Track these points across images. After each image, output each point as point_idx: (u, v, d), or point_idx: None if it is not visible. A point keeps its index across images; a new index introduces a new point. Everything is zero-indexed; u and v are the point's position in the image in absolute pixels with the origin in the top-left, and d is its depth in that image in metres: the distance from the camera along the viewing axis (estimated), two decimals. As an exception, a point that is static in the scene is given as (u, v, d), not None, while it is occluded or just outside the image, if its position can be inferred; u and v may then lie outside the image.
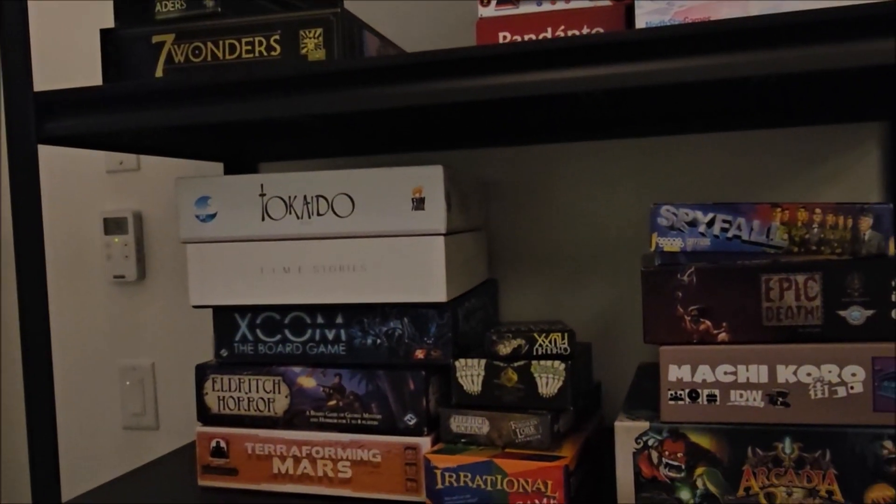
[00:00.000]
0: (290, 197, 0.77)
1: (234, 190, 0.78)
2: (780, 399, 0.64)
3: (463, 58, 0.63)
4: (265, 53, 0.73)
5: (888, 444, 0.61)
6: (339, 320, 0.79)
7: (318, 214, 0.76)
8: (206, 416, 0.83)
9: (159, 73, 0.75)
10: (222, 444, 0.81)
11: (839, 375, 0.62)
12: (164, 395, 1.17)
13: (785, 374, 0.64)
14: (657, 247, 0.66)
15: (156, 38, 0.74)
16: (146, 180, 1.16)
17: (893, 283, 0.61)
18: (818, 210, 0.63)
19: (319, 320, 0.80)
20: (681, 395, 0.66)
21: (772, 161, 0.91)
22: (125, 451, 1.19)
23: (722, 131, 0.91)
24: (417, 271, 0.74)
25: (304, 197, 0.77)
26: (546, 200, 0.98)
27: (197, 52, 0.75)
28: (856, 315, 0.62)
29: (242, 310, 0.82)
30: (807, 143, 0.90)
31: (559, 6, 0.68)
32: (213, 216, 0.79)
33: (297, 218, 0.77)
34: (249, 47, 0.73)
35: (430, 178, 0.73)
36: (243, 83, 0.69)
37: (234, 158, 1.07)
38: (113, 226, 1.17)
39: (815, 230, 0.63)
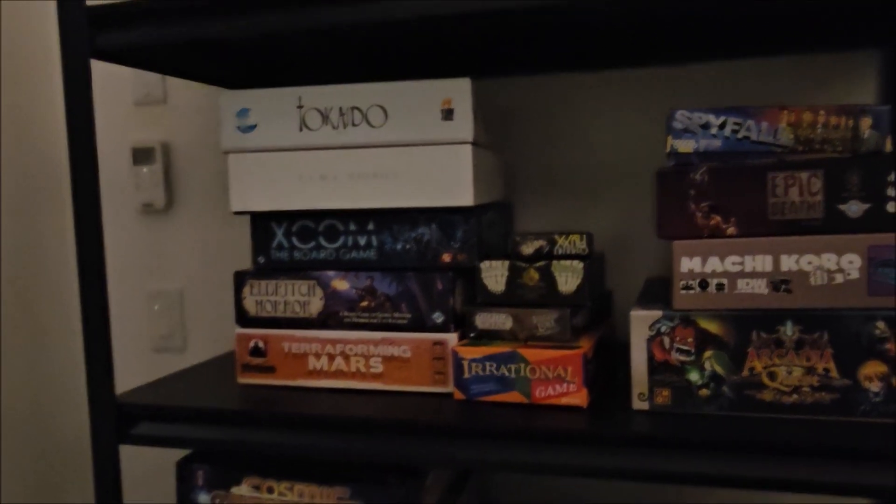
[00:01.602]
0: (326, 108, 0.82)
1: (273, 102, 0.83)
2: (783, 286, 0.70)
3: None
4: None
5: (881, 324, 0.67)
6: (371, 227, 0.85)
7: (354, 125, 0.81)
8: (244, 319, 0.88)
9: (204, -12, 0.79)
10: (260, 344, 0.87)
11: (837, 263, 0.68)
12: (191, 318, 1.22)
13: (788, 263, 0.69)
14: (672, 148, 0.72)
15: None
16: (173, 111, 1.21)
17: (889, 178, 0.67)
18: (822, 111, 0.68)
19: (352, 227, 0.85)
20: (692, 284, 0.72)
21: (773, 88, 0.96)
22: (154, 370, 1.25)
23: (725, 59, 0.96)
24: (446, 177, 0.80)
25: (340, 109, 0.81)
26: (559, 128, 1.04)
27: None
28: (854, 208, 0.68)
29: (279, 217, 0.87)
30: (807, 71, 0.95)
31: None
32: (252, 127, 0.84)
33: (333, 128, 0.82)
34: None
35: (459, 91, 0.78)
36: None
37: (269, 86, 1.12)
38: (141, 156, 1.21)
39: (819, 130, 0.68)
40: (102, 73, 1.24)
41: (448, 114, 0.79)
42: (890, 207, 0.67)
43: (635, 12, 0.80)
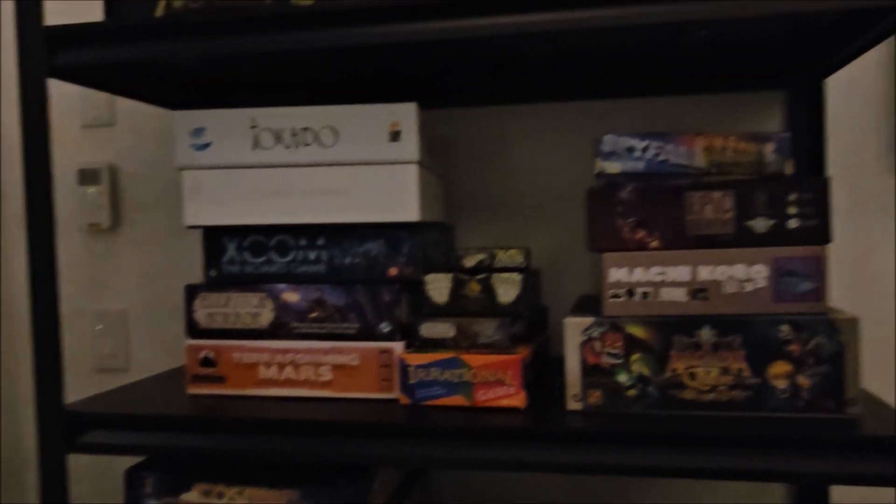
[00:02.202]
0: (279, 129, 0.86)
1: (228, 122, 0.87)
2: (700, 294, 0.77)
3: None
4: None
5: (785, 328, 0.75)
6: (321, 242, 0.89)
7: (306, 145, 0.86)
8: (195, 330, 0.91)
9: (160, 12, 0.83)
10: (210, 354, 0.90)
11: (747, 273, 0.76)
12: (135, 338, 1.23)
13: (704, 273, 0.77)
14: (600, 169, 0.79)
15: (164, -19, 0.82)
16: (121, 134, 1.23)
17: (790, 198, 0.75)
18: (732, 138, 0.76)
19: (303, 242, 0.89)
20: (619, 293, 0.78)
21: (688, 123, 1.05)
22: (96, 390, 1.25)
23: (645, 96, 1.05)
24: (394, 194, 0.85)
25: (292, 129, 0.86)
26: (496, 156, 1.10)
27: (196, -2, 0.84)
28: (761, 224, 0.76)
29: (232, 232, 0.90)
30: (719, 109, 1.05)
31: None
32: (207, 145, 0.88)
33: (286, 147, 0.86)
34: (245, -5, 0.83)
35: (406, 114, 0.84)
36: (232, 20, 0.78)
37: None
38: (87, 177, 1.23)
39: (730, 154, 0.76)
40: (51, 94, 1.25)
41: (395, 135, 0.84)
42: (791, 223, 0.76)
43: (562, 51, 0.88)
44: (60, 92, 1.25)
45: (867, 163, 1.01)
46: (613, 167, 0.78)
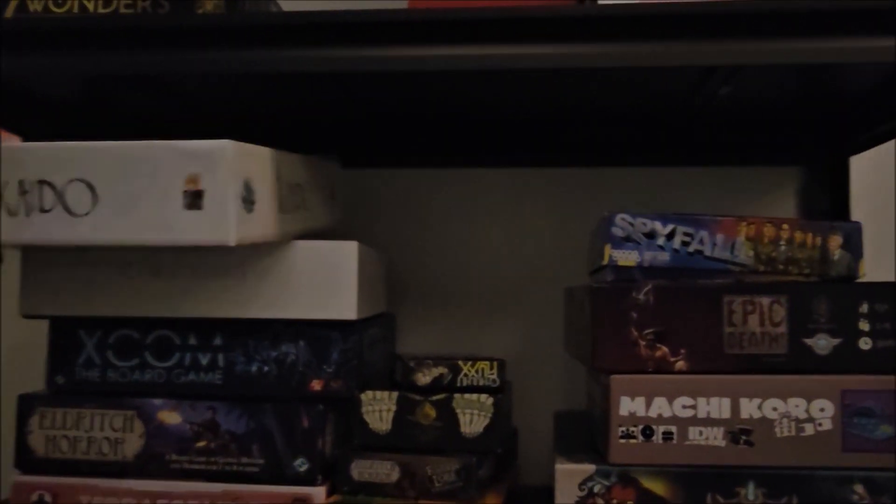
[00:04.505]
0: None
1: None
2: (744, 437, 0.56)
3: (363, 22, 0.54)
4: (149, 10, 0.60)
5: (859, 487, 0.55)
6: (217, 341, 0.65)
7: (42, 210, 0.52)
8: (28, 461, 0.64)
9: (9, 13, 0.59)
10: (47, 497, 0.63)
11: (807, 410, 0.56)
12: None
13: (749, 408, 0.56)
14: (610, 260, 0.58)
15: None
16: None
17: (862, 310, 0.56)
18: (786, 226, 0.57)
19: (192, 341, 0.65)
20: (633, 432, 0.57)
21: (688, 200, 0.87)
22: None
23: (639, 166, 0.87)
24: (325, 281, 0.62)
25: (21, 183, 0.52)
26: (450, 226, 0.89)
27: (59, 1, 0.61)
28: (822, 343, 0.56)
29: (91, 324, 0.65)
30: (725, 184, 0.87)
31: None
32: None
33: (11, 214, 0.52)
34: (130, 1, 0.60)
35: (210, 162, 0.50)
36: (111, 30, 0.55)
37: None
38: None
39: (783, 248, 0.57)
40: None
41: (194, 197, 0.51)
42: (863, 344, 0.56)
43: (540, 104, 0.68)
44: None
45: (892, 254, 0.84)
46: (628, 258, 0.58)
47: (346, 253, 0.62)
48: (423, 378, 0.62)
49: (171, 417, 0.63)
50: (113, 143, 0.52)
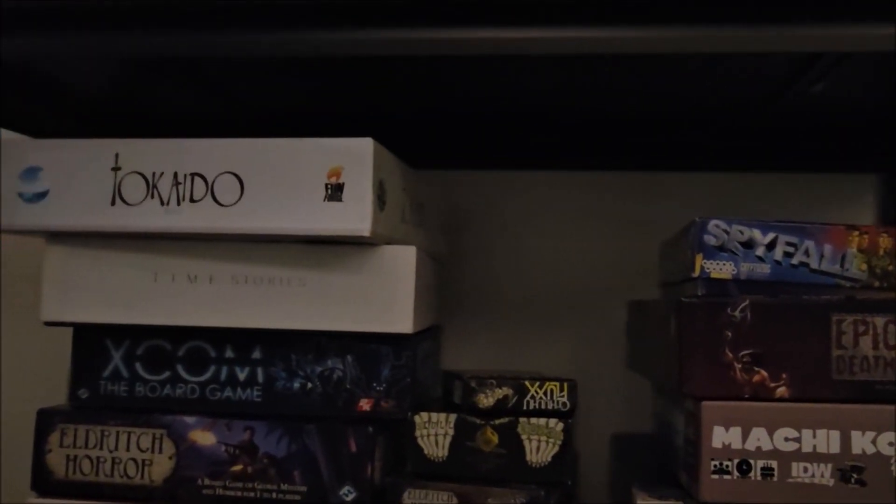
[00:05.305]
0: (153, 174, 0.54)
1: (76, 159, 0.55)
2: (855, 475, 0.49)
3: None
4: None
5: None
6: (257, 355, 0.59)
7: (192, 200, 0.54)
8: (46, 483, 0.58)
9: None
10: (67, 524, 0.57)
11: (928, 446, 0.49)
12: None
13: (861, 442, 0.50)
14: (702, 272, 0.52)
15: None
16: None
17: None
18: (904, 236, 0.51)
19: (228, 354, 0.59)
20: (727, 466, 0.50)
21: (762, 206, 0.81)
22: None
23: (711, 171, 0.80)
24: (378, 290, 0.55)
25: (175, 175, 0.54)
26: (499, 233, 0.83)
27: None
28: (945, 370, 0.50)
29: (118, 333, 0.59)
30: (801, 190, 0.80)
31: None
32: (42, 195, 0.56)
33: (163, 204, 0.54)
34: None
35: (353, 157, 0.52)
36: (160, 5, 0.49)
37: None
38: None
39: (901, 261, 0.50)
40: None
41: (336, 190, 0.53)
42: None
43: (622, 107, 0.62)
44: None
45: None
46: (722, 270, 0.51)
47: (404, 259, 0.55)
48: (486, 400, 0.56)
49: (204, 438, 0.57)
50: (261, 140, 0.54)
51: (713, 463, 0.50)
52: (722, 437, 0.50)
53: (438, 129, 0.72)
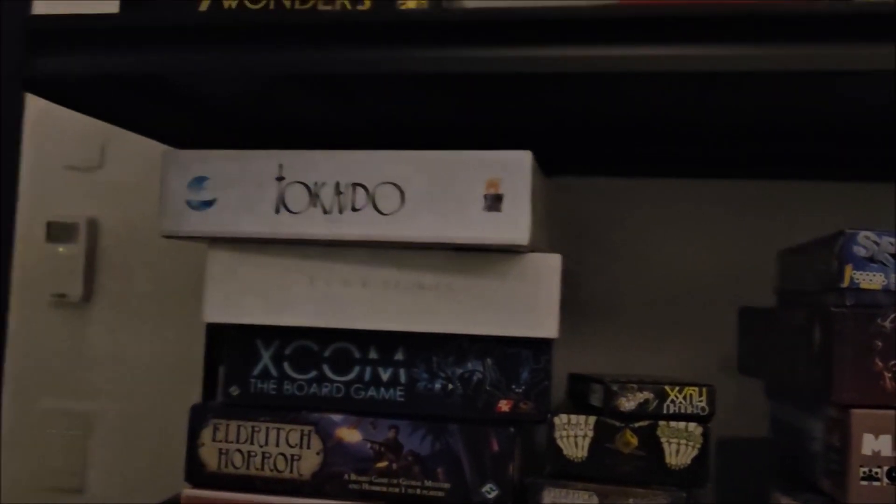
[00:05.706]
0: (315, 183, 0.58)
1: (242, 169, 0.59)
2: None
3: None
4: (348, 6, 0.57)
5: None
6: (399, 356, 0.61)
7: (353, 209, 0.57)
8: (199, 475, 0.61)
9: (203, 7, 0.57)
10: (221, 514, 0.60)
11: None
12: (97, 451, 0.92)
13: None
14: (852, 282, 0.52)
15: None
16: (109, 180, 0.95)
17: None
18: None
19: (372, 355, 0.61)
20: (877, 473, 0.51)
21: (876, 217, 0.81)
22: (38, 519, 0.93)
23: (825, 181, 0.81)
24: (522, 296, 0.57)
25: (336, 185, 0.57)
26: (609, 238, 0.84)
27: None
28: None
29: (268, 334, 0.62)
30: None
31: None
32: (209, 203, 0.59)
33: (325, 212, 0.57)
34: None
35: (512, 169, 0.55)
36: (318, 24, 0.52)
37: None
38: (59, 232, 0.94)
39: None
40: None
41: (494, 201, 0.56)
42: None
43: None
44: (34, 114, 0.96)
45: None
46: (872, 281, 0.52)
47: (550, 266, 0.57)
48: (627, 403, 0.58)
49: (350, 435, 0.60)
50: (421, 151, 0.56)
51: (862, 469, 0.51)
52: (871, 444, 0.51)
53: (565, 139, 0.74)
